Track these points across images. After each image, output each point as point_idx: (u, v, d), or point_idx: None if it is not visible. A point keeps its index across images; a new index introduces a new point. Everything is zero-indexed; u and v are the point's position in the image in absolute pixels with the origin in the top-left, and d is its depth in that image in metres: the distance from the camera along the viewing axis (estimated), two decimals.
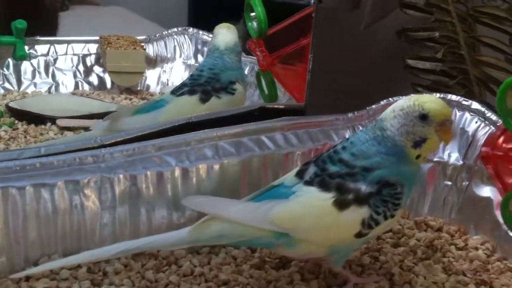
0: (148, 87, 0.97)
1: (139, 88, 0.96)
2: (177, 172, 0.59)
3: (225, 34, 0.78)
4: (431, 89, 0.83)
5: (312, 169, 0.52)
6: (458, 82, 0.83)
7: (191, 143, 0.60)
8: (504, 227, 0.58)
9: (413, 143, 0.50)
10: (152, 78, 0.98)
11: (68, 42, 0.94)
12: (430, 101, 0.50)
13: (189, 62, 0.98)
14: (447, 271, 0.58)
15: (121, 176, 0.56)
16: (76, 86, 0.94)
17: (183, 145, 0.60)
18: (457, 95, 0.68)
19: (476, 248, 0.61)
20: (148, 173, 0.57)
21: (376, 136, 0.51)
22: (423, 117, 0.50)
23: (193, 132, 0.61)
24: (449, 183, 0.65)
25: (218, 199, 0.52)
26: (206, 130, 0.62)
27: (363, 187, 0.50)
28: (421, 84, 0.85)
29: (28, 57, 0.88)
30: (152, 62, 0.98)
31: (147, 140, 0.60)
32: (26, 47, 0.87)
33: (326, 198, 0.50)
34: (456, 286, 0.55)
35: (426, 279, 0.56)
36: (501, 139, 0.52)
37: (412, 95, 0.51)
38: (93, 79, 0.95)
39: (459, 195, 0.64)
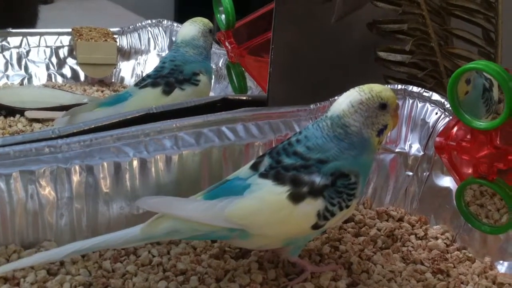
0: (122, 79, 0.97)
1: (112, 80, 0.95)
2: (135, 163, 0.59)
3: (184, 28, 0.78)
4: (403, 81, 0.83)
5: (267, 161, 0.52)
6: (428, 74, 0.83)
7: (150, 134, 0.60)
8: None
9: (377, 132, 0.52)
10: (126, 70, 0.97)
11: (41, 34, 0.93)
12: (383, 89, 0.52)
13: (163, 54, 0.97)
14: (405, 260, 0.58)
15: (77, 166, 0.56)
16: (49, 78, 0.93)
17: (141, 135, 0.60)
18: (425, 87, 0.68)
19: (436, 238, 0.61)
20: (105, 163, 0.57)
21: (338, 134, 0.51)
22: (383, 106, 0.52)
23: (152, 123, 0.61)
24: (410, 173, 0.65)
25: (172, 199, 0.51)
26: (165, 121, 0.61)
27: (318, 180, 0.50)
28: (393, 76, 0.85)
29: None
30: (126, 54, 0.98)
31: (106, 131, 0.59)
32: None
33: (281, 192, 0.50)
34: (413, 275, 0.56)
35: (383, 267, 0.57)
36: (454, 130, 0.53)
37: (360, 86, 0.52)
38: (66, 71, 0.94)
39: (420, 185, 0.64)
